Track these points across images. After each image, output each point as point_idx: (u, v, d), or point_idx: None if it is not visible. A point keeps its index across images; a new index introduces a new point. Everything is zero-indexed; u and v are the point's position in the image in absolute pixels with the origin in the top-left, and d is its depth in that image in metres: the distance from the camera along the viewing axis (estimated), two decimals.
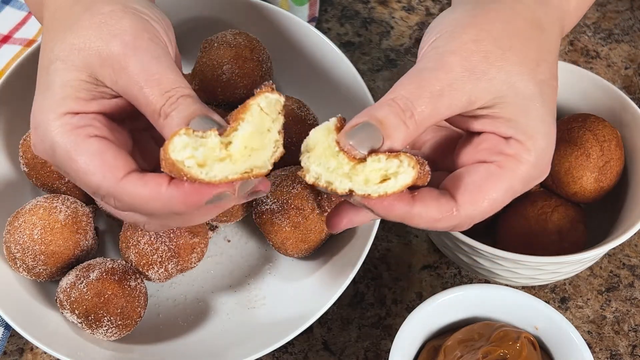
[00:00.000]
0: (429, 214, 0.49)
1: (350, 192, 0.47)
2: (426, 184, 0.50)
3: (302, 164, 0.48)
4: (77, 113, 0.49)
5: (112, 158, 0.48)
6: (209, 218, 0.53)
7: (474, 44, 0.49)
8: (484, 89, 0.49)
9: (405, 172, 0.46)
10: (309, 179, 0.48)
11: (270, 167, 0.48)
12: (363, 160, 0.47)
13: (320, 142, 0.48)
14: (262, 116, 0.47)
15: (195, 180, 0.45)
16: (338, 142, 0.47)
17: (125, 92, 0.49)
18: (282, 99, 0.48)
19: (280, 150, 0.49)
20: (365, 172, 0.47)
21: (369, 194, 0.47)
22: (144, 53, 0.49)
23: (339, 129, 0.48)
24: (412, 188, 0.49)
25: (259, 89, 0.48)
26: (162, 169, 0.46)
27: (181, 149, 0.45)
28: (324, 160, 0.47)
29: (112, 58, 0.49)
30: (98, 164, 0.48)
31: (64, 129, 0.48)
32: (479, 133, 0.52)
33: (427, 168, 0.50)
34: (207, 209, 0.49)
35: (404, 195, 0.48)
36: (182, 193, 0.46)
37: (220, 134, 0.46)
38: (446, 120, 0.52)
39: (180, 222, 0.52)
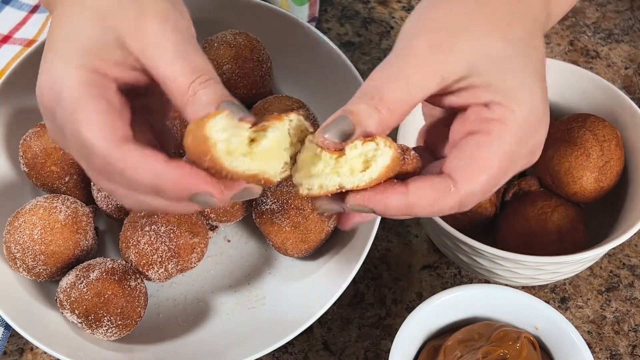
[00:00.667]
0: (425, 195, 0.48)
1: (341, 188, 0.47)
2: (418, 170, 0.50)
3: (294, 181, 0.49)
4: (97, 72, 0.48)
5: (118, 121, 0.47)
6: (184, 211, 0.51)
7: (438, 22, 0.49)
8: (454, 63, 0.48)
9: (383, 152, 0.47)
10: (303, 191, 0.48)
11: (279, 180, 0.48)
12: (343, 152, 0.47)
13: (303, 157, 0.48)
14: (286, 133, 0.48)
15: (215, 166, 0.44)
16: (316, 143, 0.47)
17: (152, 65, 0.48)
18: (311, 130, 0.49)
19: (288, 173, 0.49)
20: (348, 162, 0.47)
21: (357, 185, 0.47)
22: (177, 33, 0.49)
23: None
24: (405, 177, 0.49)
25: (294, 111, 0.49)
26: (184, 143, 0.45)
27: (219, 130, 0.44)
28: (311, 167, 0.48)
29: (145, 29, 0.48)
30: (102, 122, 0.46)
31: (80, 80, 0.47)
32: (465, 110, 0.52)
33: (413, 153, 0.50)
34: (188, 204, 0.48)
35: (396, 187, 0.48)
36: (180, 173, 0.45)
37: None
38: (430, 102, 0.52)
39: (157, 205, 0.49)
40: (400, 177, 0.49)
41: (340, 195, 0.48)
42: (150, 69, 0.49)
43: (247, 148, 0.46)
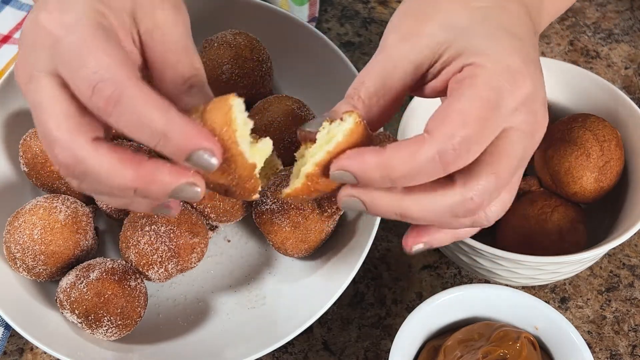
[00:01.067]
0: (400, 149, 0.45)
1: (317, 165, 0.47)
2: None
3: (283, 194, 0.50)
4: (107, 20, 0.47)
5: (130, 62, 0.45)
6: (139, 209, 0.50)
7: (406, 12, 0.51)
8: (425, 46, 0.49)
9: (346, 120, 0.47)
10: (290, 188, 0.49)
11: (257, 187, 0.48)
12: (313, 139, 0.48)
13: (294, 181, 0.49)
14: (271, 150, 0.50)
15: (228, 139, 0.44)
16: (300, 138, 0.49)
17: (156, 48, 0.48)
18: (280, 167, 0.52)
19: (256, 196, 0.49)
20: (320, 143, 0.48)
21: (328, 151, 0.46)
22: (185, 26, 0.50)
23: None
24: None
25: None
26: (195, 114, 0.45)
27: (241, 110, 0.45)
28: (300, 167, 0.49)
29: (159, 11, 0.49)
30: (115, 55, 0.44)
31: (95, 16, 0.46)
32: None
33: (388, 133, 0.52)
34: (148, 202, 0.48)
35: (374, 148, 0.46)
36: (192, 124, 0.44)
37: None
38: (420, 95, 0.52)
39: (116, 194, 0.47)
40: None
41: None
42: (152, 50, 0.49)
43: (252, 139, 0.47)
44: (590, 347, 0.65)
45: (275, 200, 0.65)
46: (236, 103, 0.44)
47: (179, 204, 0.51)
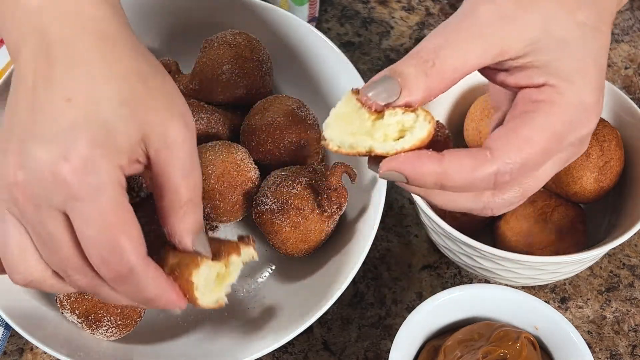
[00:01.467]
0: (461, 161, 0.46)
1: (371, 152, 0.47)
2: (450, 147, 0.49)
3: (325, 134, 0.47)
4: (122, 170, 0.46)
5: (142, 239, 0.47)
6: (118, 301, 0.52)
7: None
8: (517, 36, 0.46)
9: (421, 125, 0.46)
10: (332, 147, 0.47)
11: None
12: (381, 115, 0.46)
13: (340, 110, 0.47)
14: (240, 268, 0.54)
15: (189, 299, 0.50)
16: (359, 100, 0.46)
17: (165, 166, 0.47)
18: (257, 259, 0.56)
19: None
20: (384, 127, 0.46)
21: (388, 152, 0.46)
22: (192, 142, 0.48)
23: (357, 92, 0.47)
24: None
25: (247, 243, 0.54)
26: (166, 265, 0.50)
27: (202, 279, 0.50)
28: (347, 124, 0.47)
29: (171, 134, 0.47)
30: (135, 234, 0.46)
31: (115, 182, 0.45)
32: (516, 92, 0.50)
33: (447, 131, 0.49)
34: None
35: (431, 153, 0.46)
36: (171, 292, 0.49)
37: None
38: (481, 72, 0.50)
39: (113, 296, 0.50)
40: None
41: (377, 159, 0.48)
42: (157, 169, 0.47)
43: (214, 285, 0.51)
44: (590, 347, 0.65)
45: (275, 200, 0.65)
46: (197, 275, 0.49)
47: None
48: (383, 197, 0.66)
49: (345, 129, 0.47)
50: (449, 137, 0.50)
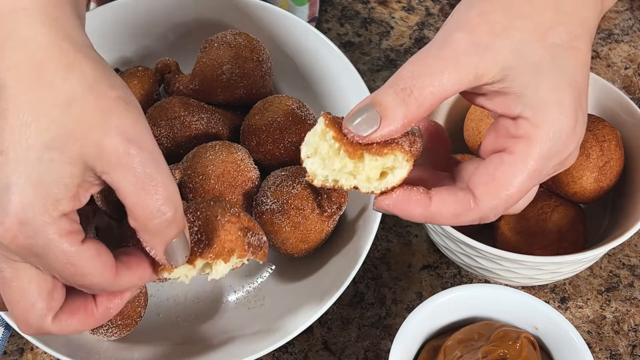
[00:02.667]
0: (447, 209, 0.49)
1: (356, 188, 0.49)
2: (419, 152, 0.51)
3: (308, 169, 0.49)
4: (69, 213, 0.46)
5: (106, 258, 0.47)
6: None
7: (479, 17, 0.48)
8: (491, 61, 0.47)
9: (401, 166, 0.48)
10: (317, 182, 0.49)
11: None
12: (362, 158, 0.47)
13: (320, 145, 0.48)
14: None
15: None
16: (337, 138, 0.47)
17: (117, 187, 0.46)
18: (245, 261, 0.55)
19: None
20: (365, 170, 0.48)
21: (372, 191, 0.49)
22: (145, 154, 0.45)
23: (332, 123, 0.48)
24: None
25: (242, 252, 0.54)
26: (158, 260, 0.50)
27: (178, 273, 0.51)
28: (329, 162, 0.48)
29: (111, 153, 0.44)
30: (99, 267, 0.47)
31: (61, 234, 0.45)
32: (495, 116, 0.51)
33: (419, 144, 0.50)
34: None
35: (420, 198, 0.49)
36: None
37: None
38: (462, 95, 0.51)
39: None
40: None
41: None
42: (113, 187, 0.46)
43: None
44: (590, 347, 0.65)
45: (275, 200, 0.65)
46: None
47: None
48: None
49: (327, 165, 0.48)
50: (448, 140, 0.51)
